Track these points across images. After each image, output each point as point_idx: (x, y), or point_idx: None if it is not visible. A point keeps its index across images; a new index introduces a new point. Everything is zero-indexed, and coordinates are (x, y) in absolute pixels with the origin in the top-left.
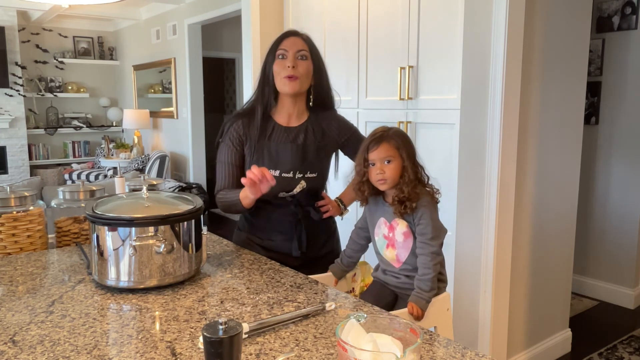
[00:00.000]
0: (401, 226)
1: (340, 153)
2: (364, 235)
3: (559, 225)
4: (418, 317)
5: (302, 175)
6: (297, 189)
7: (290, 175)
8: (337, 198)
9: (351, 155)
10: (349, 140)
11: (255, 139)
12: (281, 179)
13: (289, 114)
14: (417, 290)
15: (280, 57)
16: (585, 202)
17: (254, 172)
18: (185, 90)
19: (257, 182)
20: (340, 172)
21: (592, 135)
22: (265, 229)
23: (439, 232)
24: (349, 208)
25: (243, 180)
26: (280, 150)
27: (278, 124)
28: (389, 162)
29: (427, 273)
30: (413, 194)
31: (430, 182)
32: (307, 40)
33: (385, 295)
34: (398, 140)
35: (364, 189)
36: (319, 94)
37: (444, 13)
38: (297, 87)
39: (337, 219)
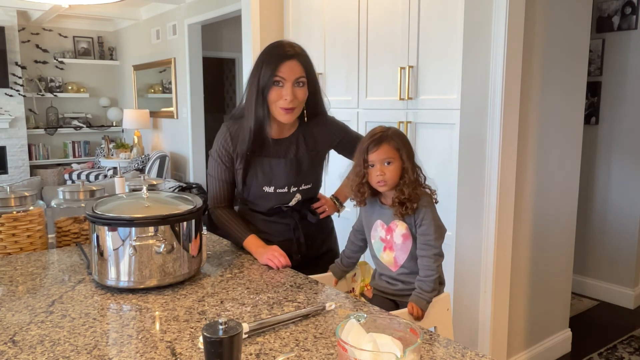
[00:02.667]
0: (400, 228)
1: (333, 152)
2: (361, 237)
3: (559, 225)
4: (418, 318)
5: (297, 188)
6: (293, 202)
7: (285, 190)
8: (332, 196)
9: (346, 154)
10: (341, 141)
11: (246, 156)
12: (276, 194)
13: (280, 127)
14: (418, 290)
15: (277, 84)
16: (585, 202)
17: (276, 264)
18: (185, 90)
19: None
20: (332, 170)
21: (592, 135)
22: (263, 232)
23: (441, 232)
24: (345, 205)
25: (262, 261)
26: (274, 167)
27: (268, 137)
28: (389, 163)
29: (429, 275)
30: (414, 194)
31: (426, 183)
32: (304, 62)
33: (387, 308)
34: (398, 141)
35: (364, 190)
36: (311, 107)
37: (444, 13)
38: (293, 118)
39: (334, 216)
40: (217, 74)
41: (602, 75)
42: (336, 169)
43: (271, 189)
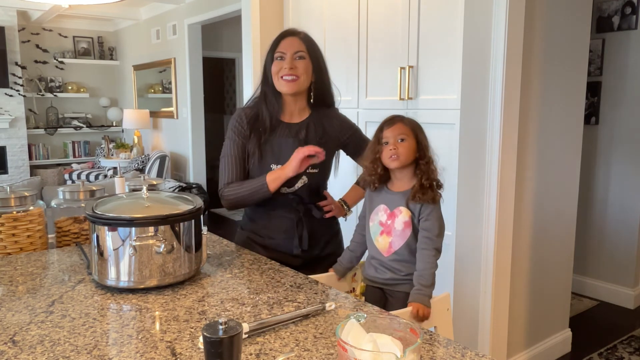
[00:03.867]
0: (404, 215)
1: (342, 153)
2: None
3: (559, 225)
4: (424, 318)
5: (303, 170)
6: (299, 184)
7: None
8: (340, 199)
9: (353, 154)
10: (350, 138)
11: (260, 137)
12: None
13: (290, 111)
14: (418, 287)
15: (278, 58)
16: (585, 202)
17: (310, 151)
18: (185, 90)
19: (314, 154)
20: (341, 171)
21: (592, 135)
22: (266, 227)
23: (442, 230)
24: (352, 209)
25: (295, 166)
26: (283, 145)
27: (280, 120)
28: (402, 140)
29: (428, 267)
30: (436, 179)
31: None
32: (305, 39)
33: (376, 298)
34: (413, 124)
35: (377, 166)
36: (319, 91)
37: (444, 13)
38: (295, 88)
39: (341, 220)
40: (217, 74)
41: (602, 75)
42: (344, 173)
43: (278, 167)
